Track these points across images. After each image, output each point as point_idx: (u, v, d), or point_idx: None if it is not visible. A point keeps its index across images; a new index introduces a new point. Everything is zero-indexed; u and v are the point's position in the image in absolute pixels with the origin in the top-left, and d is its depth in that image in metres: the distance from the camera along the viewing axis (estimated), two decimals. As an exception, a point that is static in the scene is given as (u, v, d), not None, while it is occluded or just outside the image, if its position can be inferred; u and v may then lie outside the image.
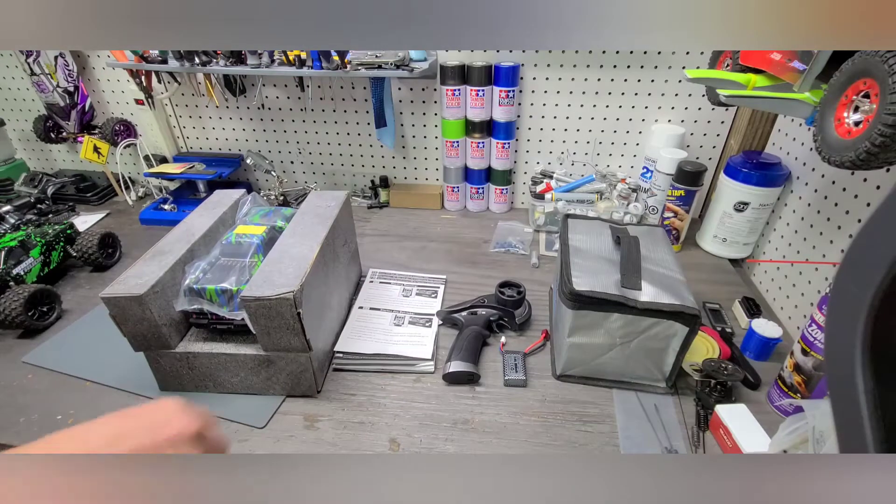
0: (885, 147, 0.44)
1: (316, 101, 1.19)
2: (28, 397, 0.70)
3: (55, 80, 1.17)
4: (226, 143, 1.31)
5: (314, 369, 0.67)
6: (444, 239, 1.11)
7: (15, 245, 0.87)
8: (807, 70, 0.58)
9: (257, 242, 0.68)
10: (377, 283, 0.93)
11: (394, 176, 1.30)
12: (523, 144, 1.18)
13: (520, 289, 0.82)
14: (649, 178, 1.07)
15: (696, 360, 0.70)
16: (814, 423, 0.48)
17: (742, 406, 0.63)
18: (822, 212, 0.78)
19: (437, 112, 1.17)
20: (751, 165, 0.89)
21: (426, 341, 0.77)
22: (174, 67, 1.07)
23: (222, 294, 0.62)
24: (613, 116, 1.10)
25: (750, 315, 0.82)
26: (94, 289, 0.93)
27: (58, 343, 0.80)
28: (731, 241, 0.98)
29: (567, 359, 0.70)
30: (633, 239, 0.73)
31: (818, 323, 0.60)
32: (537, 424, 0.66)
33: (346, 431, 0.65)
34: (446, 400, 0.70)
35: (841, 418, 0.23)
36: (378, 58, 0.99)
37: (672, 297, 0.62)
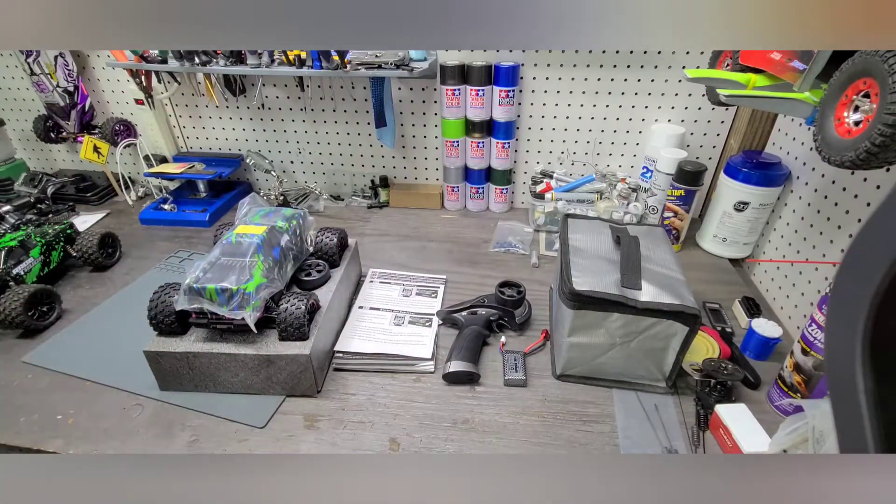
0: (885, 147, 0.44)
1: (316, 101, 1.19)
2: (28, 397, 0.70)
3: (55, 80, 1.17)
4: (226, 143, 1.31)
5: (314, 369, 0.67)
6: (444, 239, 1.11)
7: (15, 245, 0.87)
8: (807, 70, 0.58)
9: (257, 242, 0.68)
10: (377, 283, 0.93)
11: (394, 176, 1.30)
12: (523, 144, 1.18)
13: (520, 289, 0.82)
14: (649, 177, 1.07)
15: (696, 359, 0.70)
16: (814, 423, 0.48)
17: (742, 406, 0.63)
18: (822, 211, 0.78)
19: (437, 112, 1.17)
20: (751, 165, 0.89)
21: (426, 341, 0.77)
22: (174, 67, 1.07)
23: (222, 293, 0.62)
24: (613, 116, 1.10)
25: (750, 315, 0.82)
26: (94, 289, 0.93)
27: (58, 343, 0.80)
28: (731, 240, 0.98)
29: (567, 359, 0.70)
30: (633, 239, 0.73)
31: (818, 323, 0.60)
32: (537, 424, 0.66)
33: (346, 431, 0.65)
34: (446, 400, 0.70)
35: (841, 418, 0.23)
36: (378, 58, 0.99)
37: (672, 296, 0.62)
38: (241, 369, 0.67)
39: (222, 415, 0.67)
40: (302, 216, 0.80)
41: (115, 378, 0.72)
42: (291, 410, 0.68)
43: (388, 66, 1.00)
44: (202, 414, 0.67)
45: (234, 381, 0.68)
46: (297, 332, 0.66)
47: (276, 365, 0.66)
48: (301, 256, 0.79)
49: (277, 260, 0.70)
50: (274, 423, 0.66)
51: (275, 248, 0.70)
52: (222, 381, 0.69)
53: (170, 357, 0.66)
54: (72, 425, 0.66)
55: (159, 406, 0.68)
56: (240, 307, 0.62)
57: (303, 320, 0.66)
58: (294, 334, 0.66)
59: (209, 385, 0.69)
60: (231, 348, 0.66)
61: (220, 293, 0.62)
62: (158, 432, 0.65)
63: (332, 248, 0.82)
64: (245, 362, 0.66)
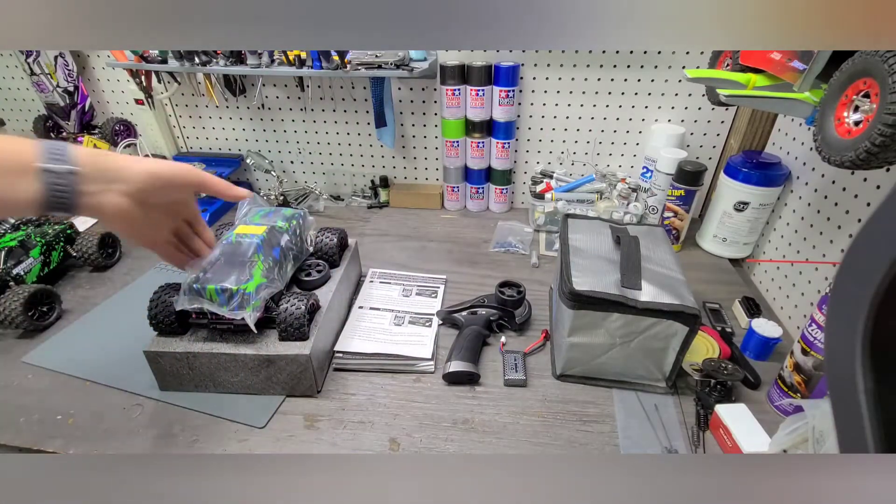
0: (885, 147, 0.44)
1: (316, 101, 1.19)
2: (28, 397, 0.70)
3: (55, 80, 1.17)
4: (226, 143, 1.31)
5: (314, 369, 0.67)
6: (444, 239, 1.11)
7: (15, 245, 0.86)
8: (807, 70, 0.58)
9: (257, 242, 0.68)
10: (377, 283, 0.93)
11: (394, 176, 1.30)
12: (523, 144, 1.18)
13: (520, 289, 0.82)
14: (649, 177, 1.07)
15: (696, 359, 0.70)
16: (814, 423, 0.48)
17: (742, 406, 0.63)
18: (822, 211, 0.78)
19: (437, 112, 1.17)
20: (751, 165, 0.89)
21: (426, 341, 0.77)
22: (174, 67, 1.07)
23: (222, 293, 0.62)
24: (613, 116, 1.10)
25: (750, 315, 0.82)
26: (94, 289, 0.93)
27: (58, 343, 0.80)
28: (731, 240, 0.98)
29: (567, 359, 0.70)
30: (633, 239, 0.73)
31: (818, 323, 0.60)
32: (537, 424, 0.66)
33: (346, 431, 0.65)
34: (446, 400, 0.70)
35: (841, 418, 0.23)
36: (378, 58, 0.99)
37: (672, 296, 0.62)
38: (241, 369, 0.67)
39: (222, 415, 0.67)
40: (302, 216, 0.80)
41: (115, 378, 0.72)
42: (291, 410, 0.68)
43: (388, 66, 1.00)
44: (202, 414, 0.67)
45: (234, 381, 0.68)
46: (297, 332, 0.66)
47: (277, 365, 0.66)
48: (301, 256, 0.79)
49: (277, 260, 0.70)
50: (274, 423, 0.66)
51: (275, 248, 0.70)
52: (222, 381, 0.69)
53: (170, 357, 0.66)
54: (72, 425, 0.66)
55: (159, 406, 0.68)
56: (240, 307, 0.62)
57: (303, 320, 0.66)
58: (294, 334, 0.66)
59: (209, 385, 0.69)
60: (231, 348, 0.66)
61: (220, 293, 0.62)
62: (158, 432, 0.65)
63: (332, 247, 0.82)
64: (245, 362, 0.66)
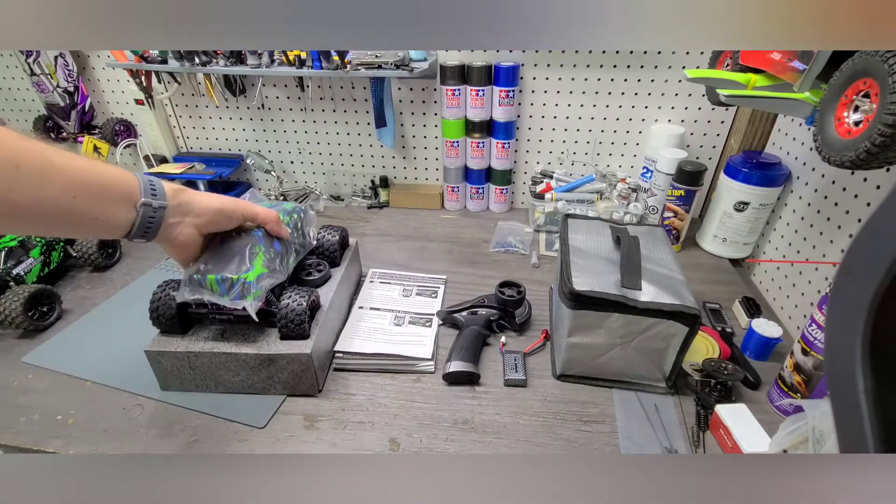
0: (885, 147, 0.44)
1: (316, 101, 1.19)
2: (28, 397, 0.70)
3: (55, 80, 1.17)
4: (226, 143, 1.31)
5: (315, 368, 0.67)
6: (444, 239, 1.11)
7: (15, 245, 0.87)
8: (807, 70, 0.58)
9: (259, 234, 0.68)
10: (377, 283, 0.93)
11: (394, 176, 1.30)
12: (523, 144, 1.18)
13: (520, 289, 0.82)
14: (649, 177, 1.07)
15: (696, 359, 0.70)
16: (814, 423, 0.48)
17: (742, 406, 0.63)
18: (822, 211, 0.78)
19: (437, 112, 1.17)
20: (751, 165, 0.89)
21: (426, 341, 0.77)
22: (174, 67, 1.07)
23: (223, 283, 0.62)
24: (613, 116, 1.10)
25: (750, 315, 0.82)
26: (94, 289, 0.93)
27: (58, 343, 0.80)
28: (731, 240, 0.98)
29: (567, 359, 0.70)
30: (633, 239, 0.73)
31: (818, 323, 0.60)
32: (537, 424, 0.66)
33: (347, 431, 0.65)
34: (446, 400, 0.70)
35: (841, 418, 0.23)
36: (378, 58, 0.99)
37: (672, 297, 0.62)
38: (243, 368, 0.67)
39: (222, 415, 0.67)
40: (303, 210, 0.80)
41: (115, 378, 0.72)
42: (292, 410, 0.68)
43: (388, 66, 1.00)
44: (202, 414, 0.67)
45: (236, 380, 0.68)
46: (298, 328, 0.66)
47: (278, 364, 0.66)
48: (303, 250, 0.79)
49: (279, 252, 0.70)
50: (274, 423, 0.66)
51: (276, 241, 0.70)
52: (223, 380, 0.69)
53: (171, 356, 0.66)
54: (72, 425, 0.66)
55: (159, 406, 0.68)
56: (240, 297, 0.62)
57: (304, 317, 0.66)
58: (295, 331, 0.66)
59: (210, 385, 0.69)
60: (232, 347, 0.66)
61: (221, 283, 0.62)
62: (158, 432, 0.65)
63: (334, 245, 0.82)
64: (246, 361, 0.66)
